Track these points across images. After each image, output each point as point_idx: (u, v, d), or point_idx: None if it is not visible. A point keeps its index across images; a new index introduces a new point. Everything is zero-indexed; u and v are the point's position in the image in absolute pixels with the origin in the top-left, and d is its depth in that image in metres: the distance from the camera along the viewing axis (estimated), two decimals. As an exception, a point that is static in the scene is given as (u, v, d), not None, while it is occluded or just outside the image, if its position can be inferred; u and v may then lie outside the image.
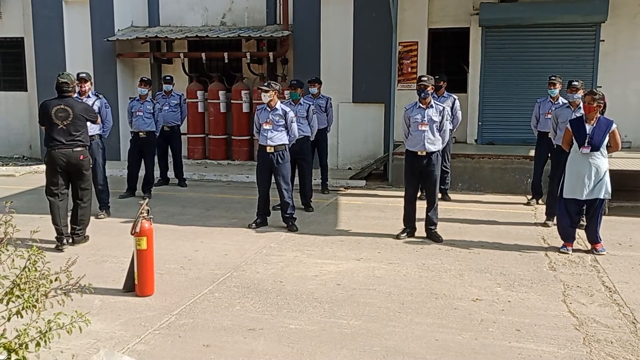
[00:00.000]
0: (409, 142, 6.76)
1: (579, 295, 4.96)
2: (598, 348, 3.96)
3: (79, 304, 2.75)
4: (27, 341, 2.30)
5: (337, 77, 11.16)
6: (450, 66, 11.22)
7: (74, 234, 6.45)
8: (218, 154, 12.16)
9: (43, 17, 12.52)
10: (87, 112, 6.50)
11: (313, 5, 11.30)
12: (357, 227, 7.27)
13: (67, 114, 6.24)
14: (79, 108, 6.38)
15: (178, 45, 12.42)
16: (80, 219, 6.48)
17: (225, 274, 5.48)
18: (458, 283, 5.26)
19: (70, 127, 6.24)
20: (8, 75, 13.77)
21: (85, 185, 6.47)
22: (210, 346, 3.99)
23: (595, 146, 6.00)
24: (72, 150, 6.26)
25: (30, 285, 2.37)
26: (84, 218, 6.52)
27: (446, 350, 3.94)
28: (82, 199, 6.47)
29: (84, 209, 6.49)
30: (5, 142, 13.64)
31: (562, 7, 10.24)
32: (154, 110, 9.12)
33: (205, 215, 7.99)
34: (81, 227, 6.51)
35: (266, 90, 7.05)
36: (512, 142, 10.49)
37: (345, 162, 11.45)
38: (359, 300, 4.84)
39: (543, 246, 6.45)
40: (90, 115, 6.60)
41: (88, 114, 6.51)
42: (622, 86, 10.38)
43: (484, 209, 8.26)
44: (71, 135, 6.26)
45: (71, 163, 6.28)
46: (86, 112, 6.48)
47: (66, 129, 6.24)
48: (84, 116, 6.38)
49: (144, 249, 4.84)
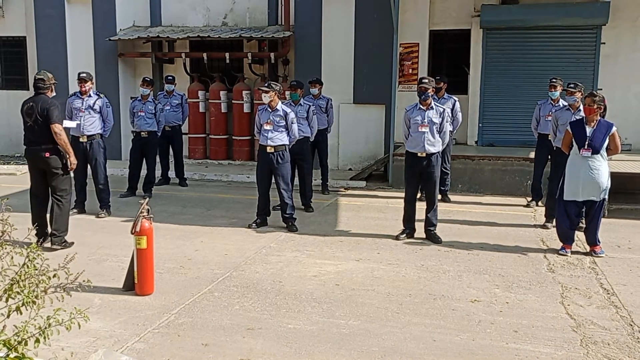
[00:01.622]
0: (409, 144, 6.78)
1: (577, 297, 4.97)
2: (595, 350, 3.98)
3: (78, 302, 2.76)
4: (26, 338, 2.31)
5: (338, 78, 11.17)
6: (451, 68, 11.23)
7: (52, 234, 6.26)
8: (219, 153, 12.18)
9: (45, 16, 12.54)
10: (45, 110, 6.08)
11: (315, 6, 11.31)
12: (356, 228, 7.28)
13: (33, 111, 6.12)
14: (42, 106, 6.12)
15: (180, 45, 12.44)
16: (55, 219, 6.24)
17: (224, 274, 5.50)
18: (457, 284, 5.27)
19: (35, 125, 6.13)
20: (10, 74, 13.80)
21: (57, 184, 6.24)
22: (209, 345, 4.01)
23: (596, 149, 6.00)
24: (40, 147, 6.16)
25: (30, 282, 2.38)
26: (59, 220, 6.25)
27: (444, 350, 3.95)
28: (57, 200, 6.25)
29: (58, 210, 6.24)
30: (6, 141, 13.67)
31: (563, 9, 10.24)
32: (155, 110, 9.16)
33: (205, 215, 8.01)
34: (58, 229, 6.25)
35: (266, 91, 7.07)
36: (512, 144, 10.50)
37: (345, 163, 11.47)
38: (358, 300, 4.86)
39: (542, 248, 6.47)
40: (48, 112, 6.08)
41: (46, 111, 6.08)
42: (623, 89, 10.39)
43: (483, 211, 8.28)
44: (37, 133, 6.14)
45: (40, 160, 6.19)
46: (44, 109, 6.08)
47: (33, 126, 6.15)
48: (43, 113, 6.09)
49: (144, 248, 4.86)
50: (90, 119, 7.82)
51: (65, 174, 6.32)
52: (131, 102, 9.41)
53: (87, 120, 7.79)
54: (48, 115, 6.10)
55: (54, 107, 6.15)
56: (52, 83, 6.33)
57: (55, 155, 6.20)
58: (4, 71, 13.86)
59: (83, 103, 7.81)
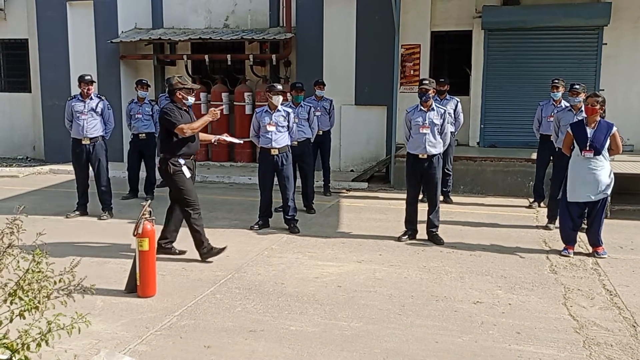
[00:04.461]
0: (410, 145, 6.78)
1: (580, 298, 4.96)
2: (598, 351, 3.97)
3: (81, 304, 2.77)
4: (28, 342, 2.32)
5: (340, 80, 11.19)
6: (452, 69, 11.23)
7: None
8: (220, 155, 12.19)
9: (47, 18, 12.59)
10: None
11: (316, 8, 11.33)
12: (358, 229, 7.28)
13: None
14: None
15: (181, 47, 12.46)
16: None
17: (226, 276, 5.50)
18: (459, 285, 5.27)
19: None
20: (12, 76, 13.83)
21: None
22: (211, 347, 4.01)
23: (597, 150, 5.99)
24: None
25: (33, 288, 2.39)
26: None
27: (446, 352, 3.95)
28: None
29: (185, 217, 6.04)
30: (9, 143, 13.70)
31: (564, 10, 10.24)
32: (152, 111, 9.17)
33: (207, 216, 7.96)
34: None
35: (283, 92, 7.17)
36: (514, 145, 10.50)
37: (347, 164, 11.47)
38: (360, 302, 4.85)
39: (544, 249, 6.46)
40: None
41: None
42: (625, 89, 10.38)
43: (485, 212, 8.27)
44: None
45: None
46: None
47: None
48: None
49: (146, 250, 4.86)
50: (93, 121, 7.83)
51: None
52: (127, 104, 9.42)
53: (89, 122, 7.80)
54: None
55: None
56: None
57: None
58: (6, 73, 13.90)
59: (85, 106, 7.81)
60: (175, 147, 5.84)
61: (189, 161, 5.98)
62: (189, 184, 5.94)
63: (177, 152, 5.84)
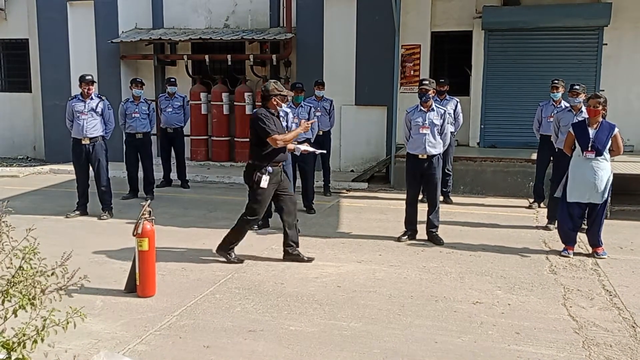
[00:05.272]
0: (410, 145, 6.78)
1: (579, 299, 4.96)
2: (597, 351, 3.97)
3: (80, 304, 2.76)
4: (24, 339, 2.31)
5: (340, 80, 11.19)
6: (453, 69, 11.23)
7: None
8: (221, 155, 12.20)
9: (48, 18, 12.59)
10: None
11: (316, 8, 11.33)
12: (358, 230, 7.28)
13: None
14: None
15: (182, 48, 12.47)
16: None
17: (226, 276, 5.50)
18: (458, 286, 5.27)
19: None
20: (13, 76, 13.84)
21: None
22: (210, 347, 4.01)
23: (599, 150, 5.99)
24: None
25: (26, 283, 2.37)
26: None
27: (445, 352, 3.95)
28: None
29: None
30: (9, 143, 13.71)
31: (564, 10, 10.24)
32: (149, 110, 9.16)
33: (207, 216, 8.02)
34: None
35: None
36: (514, 145, 10.50)
37: (347, 165, 11.47)
38: (359, 302, 4.85)
39: (544, 249, 6.45)
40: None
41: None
42: (625, 90, 10.38)
43: (485, 212, 8.27)
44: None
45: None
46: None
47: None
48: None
49: (145, 250, 4.86)
50: (93, 121, 7.83)
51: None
52: (122, 104, 9.30)
53: (89, 122, 7.80)
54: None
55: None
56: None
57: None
58: (7, 73, 13.91)
59: (85, 106, 7.81)
60: (266, 156, 5.76)
61: (277, 168, 5.88)
62: (266, 197, 5.86)
63: (267, 160, 5.76)
